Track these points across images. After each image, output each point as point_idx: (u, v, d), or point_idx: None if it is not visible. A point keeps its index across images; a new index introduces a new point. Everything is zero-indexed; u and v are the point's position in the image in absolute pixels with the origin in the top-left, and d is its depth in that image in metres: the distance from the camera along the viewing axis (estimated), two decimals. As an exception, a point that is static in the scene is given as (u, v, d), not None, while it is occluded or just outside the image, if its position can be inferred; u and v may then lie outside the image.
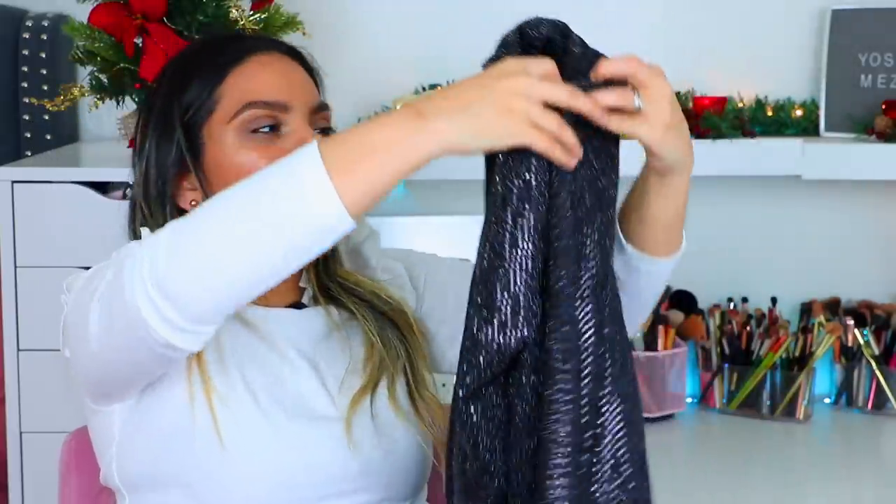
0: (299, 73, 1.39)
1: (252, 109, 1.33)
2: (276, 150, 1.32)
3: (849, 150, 2.57)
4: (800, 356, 2.63)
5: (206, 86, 1.36)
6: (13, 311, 2.05)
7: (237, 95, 1.34)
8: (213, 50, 1.39)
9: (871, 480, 2.36)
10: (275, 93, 1.34)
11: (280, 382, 1.33)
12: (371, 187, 1.08)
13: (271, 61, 1.38)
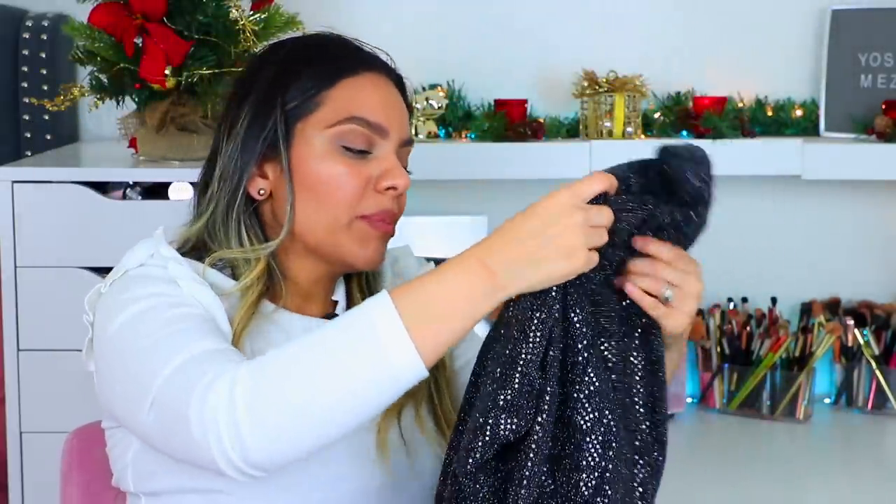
0: (401, 103, 1.42)
1: (353, 124, 1.35)
2: (363, 170, 1.35)
3: (849, 150, 2.56)
4: (800, 356, 2.62)
5: (316, 85, 1.36)
6: (13, 311, 2.05)
7: (343, 105, 1.35)
8: (331, 51, 1.40)
9: (871, 480, 2.36)
10: (379, 115, 1.36)
11: None
12: (445, 341, 1.15)
13: (383, 84, 1.40)
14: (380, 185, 1.35)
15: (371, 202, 1.35)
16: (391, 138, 1.37)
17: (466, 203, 2.76)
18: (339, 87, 1.36)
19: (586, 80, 2.59)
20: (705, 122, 2.55)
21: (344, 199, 1.34)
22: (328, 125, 1.35)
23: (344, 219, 1.34)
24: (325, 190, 1.34)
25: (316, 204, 1.34)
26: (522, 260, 1.16)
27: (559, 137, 2.64)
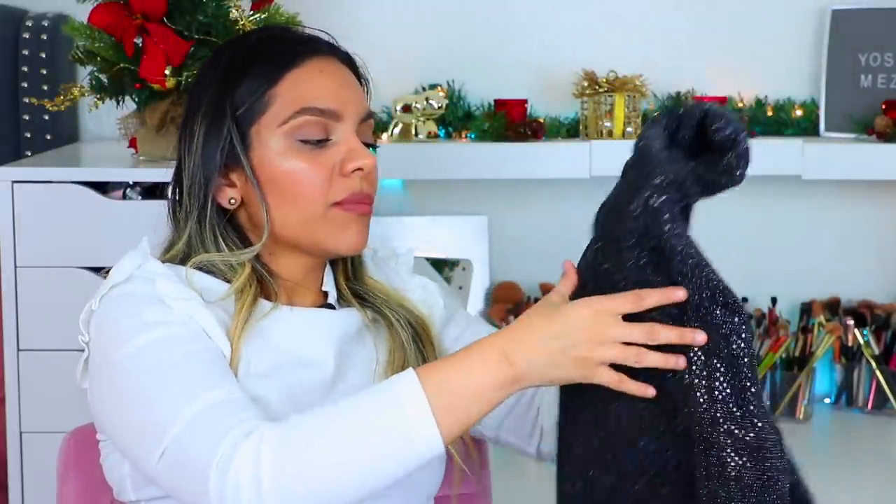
0: (352, 81, 1.40)
1: (305, 116, 1.34)
2: (325, 159, 1.34)
3: (849, 150, 2.56)
4: (800, 356, 2.63)
5: (261, 85, 1.35)
6: (13, 311, 2.05)
7: (291, 99, 1.34)
8: (271, 47, 1.39)
9: (871, 480, 2.36)
10: (329, 100, 1.35)
11: (304, 385, 1.34)
12: (466, 424, 1.19)
13: (328, 67, 1.38)
14: (345, 169, 1.35)
15: (340, 188, 1.34)
16: (347, 119, 1.36)
17: (466, 203, 2.76)
18: (284, 81, 1.35)
19: (586, 80, 2.59)
20: (705, 122, 2.54)
21: (312, 193, 1.34)
22: (281, 123, 1.34)
23: (318, 211, 1.34)
24: (293, 188, 1.34)
25: (287, 203, 1.34)
26: (542, 359, 1.19)
27: (559, 137, 2.64)
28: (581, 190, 2.75)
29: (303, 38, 1.41)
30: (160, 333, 1.25)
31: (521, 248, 2.77)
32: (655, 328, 1.18)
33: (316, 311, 1.40)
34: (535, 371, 1.19)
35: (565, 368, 1.19)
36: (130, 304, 1.29)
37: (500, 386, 1.19)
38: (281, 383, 1.32)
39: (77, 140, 2.72)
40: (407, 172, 2.57)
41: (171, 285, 1.30)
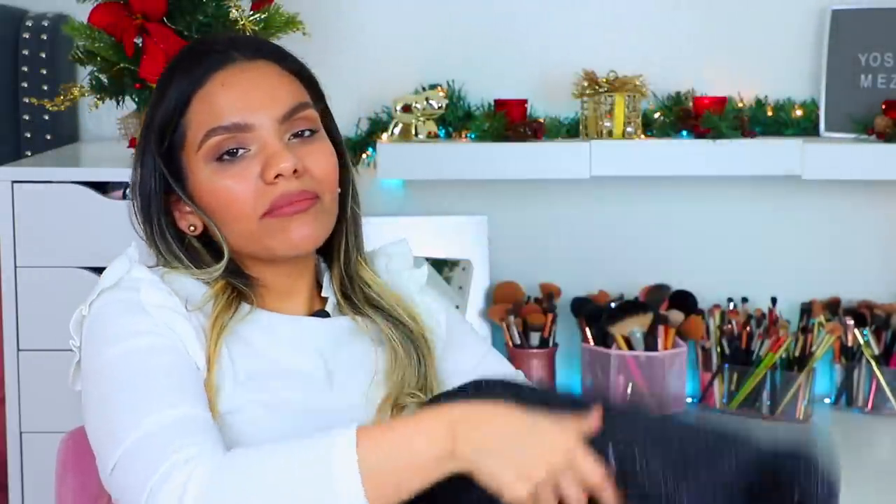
0: (263, 82, 1.36)
1: (213, 137, 1.33)
2: (247, 171, 1.32)
3: (849, 150, 2.56)
4: (800, 356, 2.62)
5: (174, 115, 1.35)
6: (13, 311, 2.05)
7: (199, 123, 1.34)
8: (180, 68, 1.37)
9: (870, 480, 2.36)
10: (233, 114, 1.33)
11: (289, 395, 1.33)
12: (398, 493, 1.15)
13: (230, 78, 1.35)
14: (266, 178, 1.32)
15: (265, 199, 1.32)
16: (259, 127, 1.33)
17: (466, 203, 2.76)
18: (191, 106, 1.34)
19: (586, 80, 2.59)
20: (705, 122, 2.55)
21: (242, 210, 1.33)
22: (197, 149, 1.34)
23: (252, 226, 1.33)
24: (224, 208, 1.33)
25: (227, 223, 1.34)
26: (486, 451, 1.14)
27: (559, 137, 2.64)
28: (581, 190, 2.75)
29: (207, 52, 1.38)
30: (136, 344, 1.27)
31: (521, 248, 2.78)
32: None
33: (295, 319, 1.39)
34: (472, 458, 1.14)
35: (502, 474, 1.13)
36: (114, 311, 1.31)
37: (439, 460, 1.15)
38: (264, 392, 1.31)
39: (77, 140, 2.72)
40: (407, 172, 2.57)
41: (154, 293, 1.31)
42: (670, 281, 2.76)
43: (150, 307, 1.29)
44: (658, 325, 2.61)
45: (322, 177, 1.35)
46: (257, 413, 1.30)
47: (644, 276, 2.77)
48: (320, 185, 1.35)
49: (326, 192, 1.36)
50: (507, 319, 2.64)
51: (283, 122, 1.34)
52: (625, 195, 2.78)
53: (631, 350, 2.60)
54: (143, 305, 1.29)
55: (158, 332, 1.28)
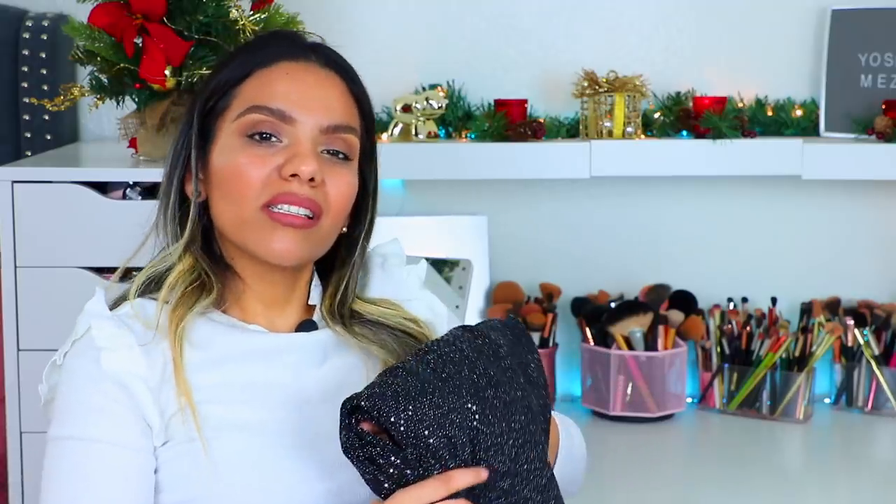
0: (323, 89, 1.36)
1: (254, 113, 1.32)
2: (269, 158, 1.31)
3: (849, 150, 2.56)
4: (800, 356, 2.63)
5: (230, 81, 1.35)
6: (13, 311, 2.05)
7: (249, 96, 1.34)
8: (253, 47, 1.38)
9: (870, 480, 2.36)
10: (283, 102, 1.33)
11: (258, 408, 1.31)
12: None
13: (298, 70, 1.36)
14: (283, 171, 1.31)
15: (272, 189, 1.31)
16: (301, 124, 1.32)
17: (466, 203, 2.76)
18: (249, 79, 1.35)
19: (586, 80, 2.59)
20: (705, 122, 2.55)
21: (245, 191, 1.31)
22: (235, 118, 1.33)
23: (247, 211, 1.31)
24: (229, 183, 1.32)
25: (225, 198, 1.33)
26: None
27: (559, 137, 2.65)
28: (581, 190, 2.76)
29: (285, 39, 1.40)
30: (79, 432, 1.27)
31: (521, 248, 2.78)
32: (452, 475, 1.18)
33: (262, 335, 1.36)
34: None
35: None
36: (73, 386, 1.30)
37: None
38: (228, 406, 1.30)
39: (77, 140, 2.72)
40: (407, 172, 2.57)
41: (113, 350, 1.29)
42: (670, 281, 2.76)
43: (104, 352, 1.29)
44: (658, 325, 2.61)
45: (334, 201, 1.34)
46: (232, 435, 1.29)
47: (644, 276, 2.78)
48: (328, 207, 1.33)
49: (330, 217, 1.34)
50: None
51: (324, 133, 1.33)
52: (625, 195, 2.78)
53: (631, 350, 2.60)
54: (102, 374, 1.29)
55: (105, 424, 1.27)
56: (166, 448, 1.29)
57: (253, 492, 1.27)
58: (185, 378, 1.29)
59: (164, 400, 1.29)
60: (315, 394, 1.34)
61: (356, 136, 1.37)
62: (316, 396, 1.33)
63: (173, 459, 1.28)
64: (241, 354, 1.34)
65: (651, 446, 2.50)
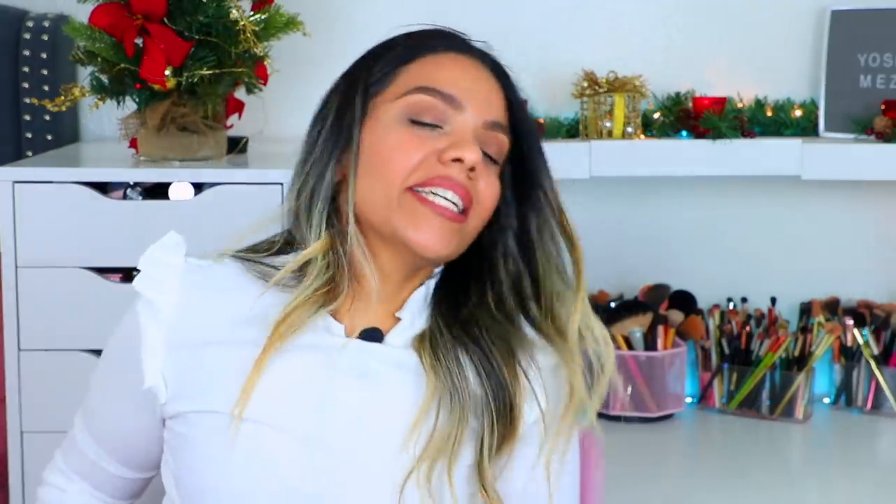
0: (489, 84, 1.33)
1: (421, 94, 1.28)
2: (428, 142, 1.26)
3: (848, 151, 2.56)
4: (799, 356, 2.63)
5: (393, 62, 1.32)
6: (14, 311, 2.05)
7: (414, 77, 1.30)
8: (417, 36, 1.37)
9: (869, 480, 2.36)
10: (451, 86, 1.29)
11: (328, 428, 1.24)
12: None
13: (467, 62, 1.33)
14: (444, 156, 1.25)
15: (427, 171, 1.25)
16: (467, 112, 1.28)
17: (466, 203, 2.76)
18: (416, 62, 1.32)
19: (586, 80, 2.59)
20: (705, 123, 2.55)
21: (398, 170, 1.24)
22: (397, 97, 1.28)
23: (395, 191, 1.24)
24: (382, 161, 1.26)
25: (373, 176, 1.26)
26: None
27: (559, 137, 2.65)
28: (581, 190, 2.76)
29: (454, 36, 1.38)
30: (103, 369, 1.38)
31: (521, 248, 2.77)
32: None
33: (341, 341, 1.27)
34: None
35: None
36: (124, 326, 1.34)
37: None
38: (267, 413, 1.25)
39: (78, 140, 2.73)
40: (407, 172, 2.56)
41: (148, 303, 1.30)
42: (670, 281, 2.76)
43: (136, 322, 1.30)
44: (658, 325, 2.61)
45: (483, 198, 1.28)
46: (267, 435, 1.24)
47: (644, 276, 2.78)
48: (478, 204, 1.28)
49: (477, 215, 1.28)
50: (507, 319, 2.65)
51: (485, 127, 1.29)
52: (624, 195, 2.78)
53: (631, 350, 2.60)
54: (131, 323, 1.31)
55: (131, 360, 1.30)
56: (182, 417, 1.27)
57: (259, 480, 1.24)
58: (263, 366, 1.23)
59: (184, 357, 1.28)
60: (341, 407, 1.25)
61: (508, 138, 1.32)
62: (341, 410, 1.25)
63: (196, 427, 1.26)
64: (302, 346, 1.26)
65: (651, 446, 2.50)
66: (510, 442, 1.25)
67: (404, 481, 1.21)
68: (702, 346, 2.71)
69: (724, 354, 2.68)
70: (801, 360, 2.62)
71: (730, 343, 2.68)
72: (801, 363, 2.62)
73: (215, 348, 1.26)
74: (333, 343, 1.27)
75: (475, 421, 1.24)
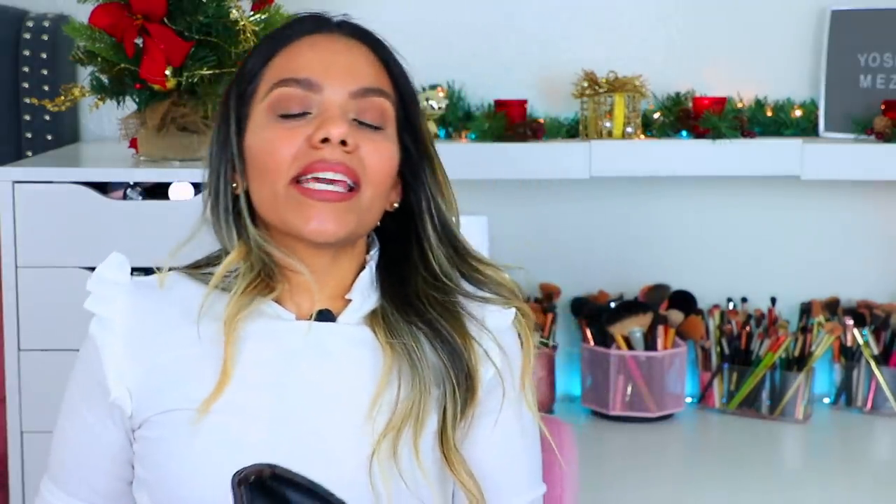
0: (352, 54, 1.31)
1: (281, 87, 1.28)
2: (299, 130, 1.26)
3: (848, 151, 2.57)
4: (799, 356, 2.63)
5: (257, 63, 1.32)
6: (13, 311, 2.06)
7: (274, 73, 1.30)
8: (278, 30, 1.34)
9: (869, 480, 2.37)
10: (308, 70, 1.28)
11: (293, 412, 1.26)
12: None
13: (318, 41, 1.31)
14: (313, 139, 1.25)
15: (303, 160, 1.25)
16: (327, 90, 1.27)
17: (466, 203, 2.75)
18: (276, 58, 1.31)
19: (586, 80, 2.60)
20: (705, 123, 2.55)
21: (276, 166, 1.25)
22: (262, 99, 1.29)
23: (280, 188, 1.25)
24: (262, 161, 1.27)
25: (259, 179, 1.28)
26: None
27: (559, 137, 2.65)
28: (581, 190, 2.76)
29: (309, 20, 1.35)
30: (67, 398, 1.36)
31: (521, 248, 2.78)
32: None
33: (291, 324, 1.29)
34: None
35: None
36: (83, 354, 1.35)
37: None
38: (229, 406, 1.25)
39: (78, 140, 2.73)
40: (407, 172, 2.56)
41: (101, 320, 1.31)
42: (670, 281, 2.76)
43: (92, 341, 1.31)
44: (658, 325, 2.61)
45: (371, 169, 1.27)
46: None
47: (644, 276, 2.78)
48: (366, 174, 1.26)
49: (370, 185, 1.27)
50: (506, 319, 2.65)
51: (353, 97, 1.28)
52: (625, 195, 2.78)
53: (631, 350, 2.60)
54: (89, 343, 1.32)
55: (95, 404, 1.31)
56: (150, 423, 1.28)
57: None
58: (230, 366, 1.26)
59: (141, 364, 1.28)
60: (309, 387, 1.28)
61: (388, 99, 1.31)
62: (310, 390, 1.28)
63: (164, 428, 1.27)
64: (256, 334, 1.29)
65: (651, 446, 2.50)
66: (472, 405, 1.28)
67: (372, 453, 1.23)
68: (702, 346, 2.71)
69: (724, 354, 2.69)
70: (801, 360, 2.62)
71: (730, 343, 2.68)
72: (801, 363, 2.62)
73: (169, 351, 1.29)
74: (287, 327, 1.29)
75: (436, 390, 1.27)
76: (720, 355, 2.69)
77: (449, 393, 1.27)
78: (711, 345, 2.70)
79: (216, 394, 1.24)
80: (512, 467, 1.34)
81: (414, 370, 1.27)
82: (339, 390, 1.27)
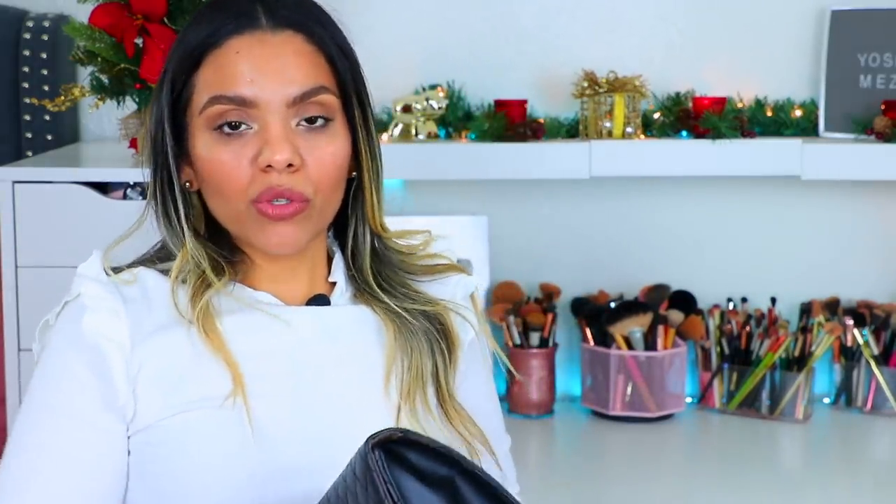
0: (281, 57, 1.26)
1: (216, 105, 1.25)
2: (245, 149, 1.25)
3: (848, 151, 2.57)
4: (799, 356, 2.63)
5: (185, 70, 1.29)
6: (13, 311, 2.06)
7: (205, 86, 1.27)
8: (204, 20, 1.29)
9: (869, 480, 2.37)
10: (240, 87, 1.25)
11: (258, 391, 1.26)
12: None
13: (247, 47, 1.26)
14: (260, 163, 1.24)
15: (258, 184, 1.25)
16: (263, 105, 1.24)
17: (466, 203, 2.77)
18: (203, 66, 1.27)
19: (586, 80, 2.59)
20: (705, 123, 2.55)
21: (234, 188, 1.26)
22: (199, 111, 1.27)
23: (241, 207, 1.26)
24: (218, 180, 1.26)
25: (216, 195, 1.28)
26: None
27: (559, 137, 2.65)
28: (581, 190, 2.76)
29: (228, 12, 1.28)
30: (52, 400, 1.31)
31: (521, 248, 2.78)
32: None
33: (309, 310, 1.32)
34: None
35: None
36: (52, 353, 1.32)
37: None
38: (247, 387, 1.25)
39: (78, 140, 2.73)
40: (407, 172, 2.57)
41: (96, 312, 1.30)
42: (670, 281, 2.76)
43: (88, 315, 1.30)
44: (658, 324, 2.61)
45: (318, 178, 1.27)
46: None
47: (644, 276, 2.78)
48: (315, 185, 1.27)
49: (320, 193, 1.27)
50: (507, 319, 2.65)
51: (292, 105, 1.25)
52: (625, 195, 2.78)
53: (631, 350, 2.60)
54: (85, 343, 1.28)
55: (77, 402, 1.28)
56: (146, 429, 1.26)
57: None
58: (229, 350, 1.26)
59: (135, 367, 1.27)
60: (299, 375, 1.29)
61: (331, 93, 1.28)
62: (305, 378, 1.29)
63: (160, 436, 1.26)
64: (249, 328, 1.29)
65: (651, 446, 2.50)
66: (455, 362, 1.36)
67: (396, 423, 1.28)
68: (702, 346, 2.71)
69: (723, 354, 2.69)
70: (801, 360, 2.62)
71: (730, 343, 2.68)
72: (801, 363, 2.62)
73: (166, 352, 1.28)
74: (285, 315, 1.30)
75: (428, 352, 1.34)
76: (720, 355, 2.69)
77: (437, 351, 1.34)
78: (711, 345, 2.70)
79: (237, 388, 1.24)
80: (492, 419, 1.42)
81: (412, 336, 1.33)
82: (354, 370, 1.30)
